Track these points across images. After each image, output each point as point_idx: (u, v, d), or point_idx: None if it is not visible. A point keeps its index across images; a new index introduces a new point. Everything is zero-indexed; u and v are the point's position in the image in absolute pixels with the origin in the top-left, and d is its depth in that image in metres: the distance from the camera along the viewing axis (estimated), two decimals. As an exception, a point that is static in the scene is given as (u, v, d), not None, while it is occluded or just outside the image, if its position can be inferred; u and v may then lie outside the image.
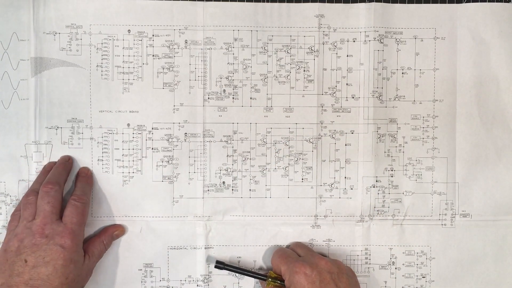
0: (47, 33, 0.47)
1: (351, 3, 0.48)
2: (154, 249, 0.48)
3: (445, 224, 0.49)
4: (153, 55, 0.47)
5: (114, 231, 0.47)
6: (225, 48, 0.47)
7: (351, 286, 0.42)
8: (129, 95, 0.47)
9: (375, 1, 0.47)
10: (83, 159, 0.47)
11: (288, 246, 0.48)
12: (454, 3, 0.48)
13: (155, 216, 0.48)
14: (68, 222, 0.42)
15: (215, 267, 0.46)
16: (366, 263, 0.49)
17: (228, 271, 0.47)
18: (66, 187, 0.46)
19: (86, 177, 0.46)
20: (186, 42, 0.47)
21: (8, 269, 0.40)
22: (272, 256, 0.46)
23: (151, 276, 0.48)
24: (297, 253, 0.45)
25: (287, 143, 0.48)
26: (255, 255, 0.48)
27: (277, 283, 0.44)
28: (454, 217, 0.48)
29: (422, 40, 0.48)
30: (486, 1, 0.48)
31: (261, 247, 0.48)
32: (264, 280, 0.45)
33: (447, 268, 0.49)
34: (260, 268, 0.48)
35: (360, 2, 0.48)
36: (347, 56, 0.48)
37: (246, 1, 0.47)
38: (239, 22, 0.47)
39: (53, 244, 0.40)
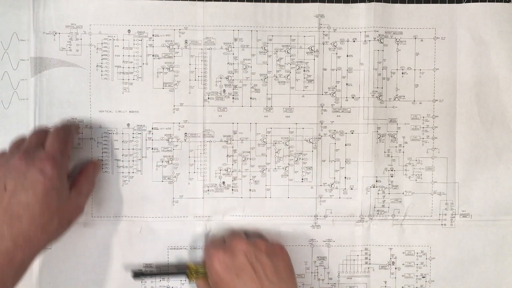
0: (47, 33, 0.47)
1: (351, 3, 0.48)
2: (154, 249, 0.48)
3: (445, 224, 0.49)
4: (153, 55, 0.47)
5: (93, 167, 0.45)
6: (225, 48, 0.47)
7: (273, 265, 0.39)
8: (129, 95, 0.47)
9: (375, 1, 0.47)
10: (83, 159, 0.47)
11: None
12: (454, 3, 0.48)
13: (155, 216, 0.48)
14: (49, 149, 0.40)
15: (134, 277, 0.46)
16: (366, 263, 0.49)
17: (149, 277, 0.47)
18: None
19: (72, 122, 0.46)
20: (186, 42, 0.47)
21: None
22: None
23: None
24: (224, 240, 0.44)
25: (287, 143, 0.48)
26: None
27: (199, 273, 0.44)
28: (454, 217, 0.49)
29: (422, 40, 0.48)
30: (486, 1, 0.48)
31: (261, 247, 0.48)
32: (186, 275, 0.45)
33: (447, 268, 0.49)
34: None
35: (360, 2, 0.48)
36: (347, 56, 0.48)
37: (246, 1, 0.47)
38: (239, 22, 0.47)
39: (33, 169, 0.38)
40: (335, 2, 0.48)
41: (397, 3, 0.48)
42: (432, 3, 0.48)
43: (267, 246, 0.41)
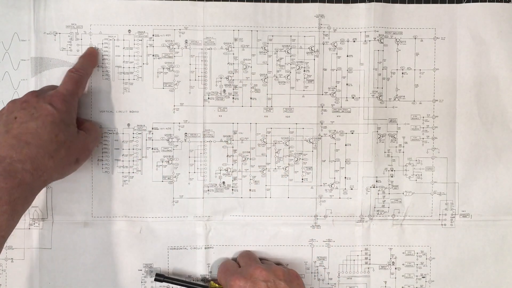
0: (47, 33, 0.47)
1: (351, 3, 0.48)
2: (154, 249, 0.48)
3: (445, 224, 0.49)
4: (153, 55, 0.47)
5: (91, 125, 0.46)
6: (225, 48, 0.47)
7: None
8: (129, 95, 0.47)
9: (375, 1, 0.48)
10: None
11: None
12: (454, 3, 0.48)
13: (155, 216, 0.48)
14: (61, 88, 0.42)
15: (155, 280, 0.46)
16: (366, 263, 0.49)
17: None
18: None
19: (90, 55, 0.46)
20: (186, 42, 0.47)
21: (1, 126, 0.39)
22: (217, 270, 0.46)
23: (151, 276, 0.48)
24: (239, 264, 0.45)
25: (287, 143, 0.48)
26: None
27: None
28: (454, 217, 0.48)
29: (422, 40, 0.48)
30: (486, 1, 0.48)
31: (261, 247, 0.48)
32: None
33: (447, 268, 0.49)
34: None
35: (360, 2, 0.48)
36: (347, 56, 0.48)
37: (246, 1, 0.47)
38: (239, 22, 0.47)
39: (43, 102, 0.40)
40: (335, 2, 0.48)
41: (397, 3, 0.48)
42: (432, 3, 0.48)
43: (284, 274, 0.42)
